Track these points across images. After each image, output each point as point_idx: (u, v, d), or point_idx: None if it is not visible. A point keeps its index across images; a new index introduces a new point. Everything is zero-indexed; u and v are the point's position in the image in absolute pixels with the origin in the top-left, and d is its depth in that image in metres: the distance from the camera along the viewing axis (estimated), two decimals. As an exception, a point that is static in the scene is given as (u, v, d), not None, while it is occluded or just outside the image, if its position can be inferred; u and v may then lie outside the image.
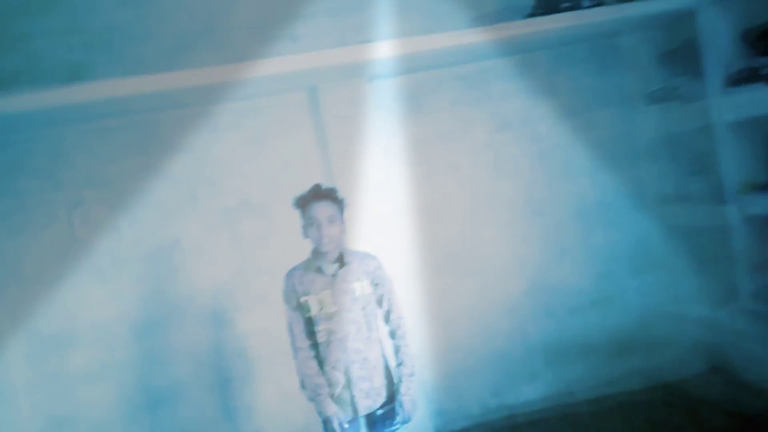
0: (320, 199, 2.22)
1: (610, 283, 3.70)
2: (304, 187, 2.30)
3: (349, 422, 2.24)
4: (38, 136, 3.21)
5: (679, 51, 3.47)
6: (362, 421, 2.32)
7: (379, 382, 2.25)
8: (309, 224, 2.22)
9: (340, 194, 2.29)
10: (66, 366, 3.30)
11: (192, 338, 3.40)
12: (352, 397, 2.21)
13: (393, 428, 2.29)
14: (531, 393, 3.66)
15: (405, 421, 2.27)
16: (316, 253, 2.26)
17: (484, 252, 3.63)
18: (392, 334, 2.33)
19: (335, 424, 2.17)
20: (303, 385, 2.24)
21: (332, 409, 2.18)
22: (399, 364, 2.29)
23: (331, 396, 2.21)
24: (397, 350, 2.31)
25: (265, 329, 3.40)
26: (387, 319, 2.34)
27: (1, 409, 3.06)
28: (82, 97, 2.78)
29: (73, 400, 3.31)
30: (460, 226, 3.61)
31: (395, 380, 2.31)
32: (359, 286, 2.24)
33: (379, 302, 2.32)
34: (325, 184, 2.30)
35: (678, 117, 3.56)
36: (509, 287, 3.64)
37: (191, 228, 3.37)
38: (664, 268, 3.72)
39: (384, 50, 3.05)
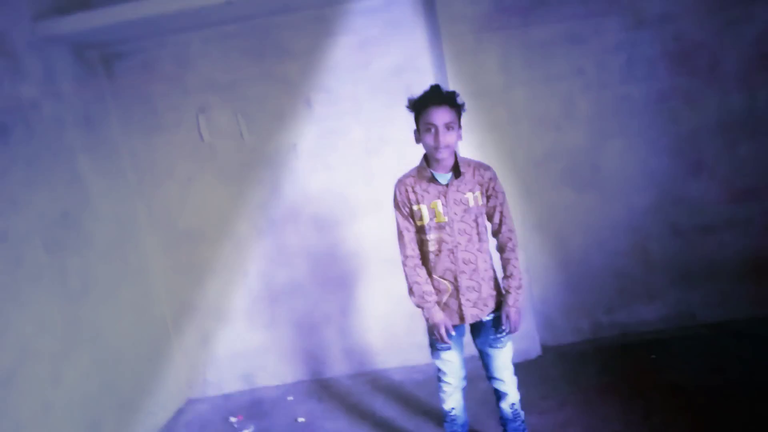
0: (439, 103, 2.14)
1: (753, 202, 3.51)
2: (416, 92, 2.26)
3: (456, 329, 2.35)
4: (166, 42, 3.49)
5: None
6: (467, 329, 2.42)
7: (487, 293, 2.34)
8: (425, 130, 2.17)
9: (460, 98, 2.22)
10: (196, 258, 3.77)
11: (308, 239, 3.68)
12: (460, 306, 2.31)
13: (497, 337, 2.36)
14: (648, 313, 3.64)
15: (510, 332, 2.34)
16: (430, 160, 2.27)
17: (607, 164, 3.53)
18: (502, 248, 2.36)
19: (442, 331, 2.32)
20: (411, 292, 2.33)
21: (439, 316, 2.32)
22: (508, 277, 2.35)
23: (438, 303, 2.31)
24: (506, 263, 2.36)
25: (377, 234, 3.58)
26: (498, 231, 2.38)
27: (139, 293, 3.54)
28: (202, 2, 2.93)
29: (200, 288, 3.83)
30: (582, 136, 3.52)
31: (503, 292, 2.35)
32: (472, 197, 2.25)
33: (491, 214, 2.35)
34: (445, 87, 2.22)
35: None
36: (633, 202, 3.55)
37: (307, 134, 3.59)
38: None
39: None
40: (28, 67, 2.89)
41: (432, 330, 2.36)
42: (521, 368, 3.33)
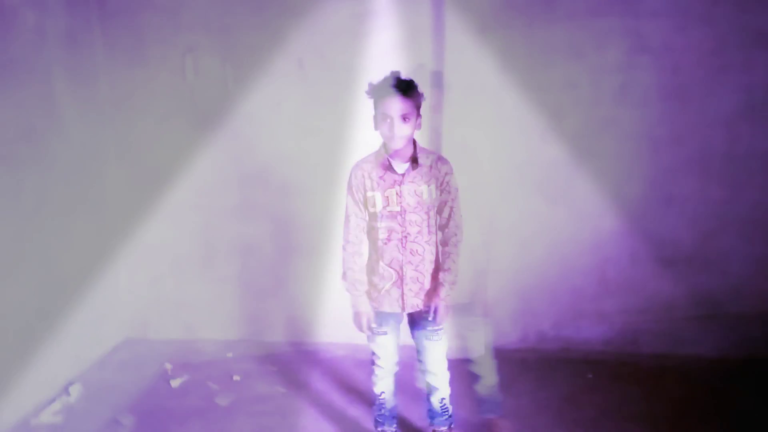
0: (395, 93, 2.11)
1: (714, 243, 3.54)
2: (407, 74, 2.22)
3: (393, 317, 2.38)
4: (165, -28, 3.36)
5: None
6: (405, 318, 2.44)
7: (429, 285, 2.36)
8: (381, 119, 2.16)
9: (417, 88, 2.17)
10: (158, 199, 3.76)
11: (275, 202, 3.67)
12: (402, 294, 2.32)
13: (434, 329, 2.40)
14: (593, 333, 3.72)
15: (436, 325, 2.38)
16: (388, 148, 2.25)
17: (582, 182, 3.56)
18: (445, 241, 2.36)
19: (363, 321, 2.38)
20: (344, 276, 2.38)
21: (364, 308, 2.38)
22: (445, 270, 2.34)
23: (381, 290, 2.32)
24: (446, 257, 2.35)
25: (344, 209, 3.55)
26: (445, 225, 2.35)
27: (94, 223, 3.51)
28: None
29: (157, 231, 3.82)
30: (562, 150, 3.52)
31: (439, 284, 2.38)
32: (427, 190, 2.25)
33: (441, 208, 2.33)
34: (403, 75, 2.18)
35: None
36: (600, 224, 3.59)
37: (294, 95, 3.53)
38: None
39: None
40: (14, -29, 2.78)
41: (356, 317, 2.40)
42: (459, 365, 3.38)
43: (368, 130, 3.46)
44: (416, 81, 2.20)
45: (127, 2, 3.45)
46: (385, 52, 3.43)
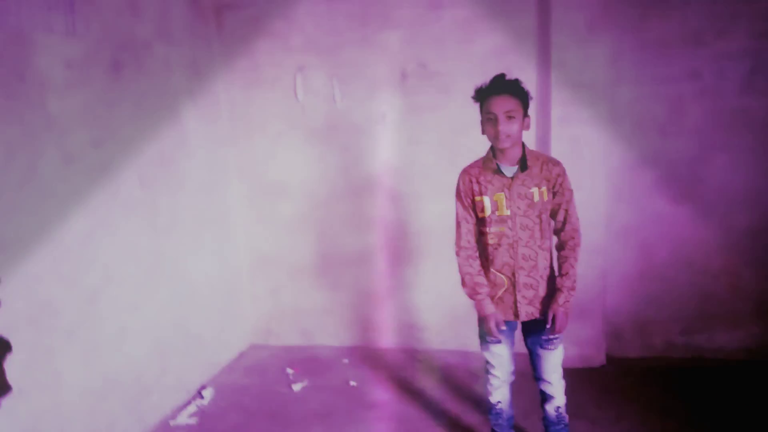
0: (499, 92, 2.10)
1: None
2: (513, 77, 2.20)
3: (507, 325, 2.32)
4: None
5: None
6: (519, 325, 2.38)
7: (544, 292, 2.28)
8: (486, 119, 2.15)
9: (524, 86, 2.15)
10: (276, 212, 3.94)
11: (383, 210, 3.75)
12: (515, 302, 2.27)
13: (549, 338, 2.30)
14: (728, 341, 3.45)
15: (555, 333, 2.28)
16: (495, 152, 2.22)
17: (710, 178, 3.32)
18: (562, 245, 2.28)
19: (491, 325, 2.30)
20: (463, 283, 2.32)
21: (490, 309, 2.31)
22: (563, 275, 2.25)
23: (493, 298, 2.28)
24: (563, 261, 2.26)
25: (451, 215, 3.55)
26: (561, 229, 2.28)
27: (221, 237, 3.78)
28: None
29: (277, 242, 4.00)
30: (688, 145, 3.30)
31: (556, 290, 2.29)
32: (538, 192, 2.18)
33: (556, 211, 2.26)
34: (509, 75, 2.16)
35: None
36: (732, 222, 3.32)
37: (397, 105, 3.58)
38: None
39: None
40: (144, 8, 3.04)
41: (481, 322, 2.35)
42: (582, 374, 3.26)
43: (471, 137, 3.47)
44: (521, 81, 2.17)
45: (243, 28, 3.69)
46: (487, 57, 3.39)
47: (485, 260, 2.33)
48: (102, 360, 2.69)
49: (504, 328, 2.32)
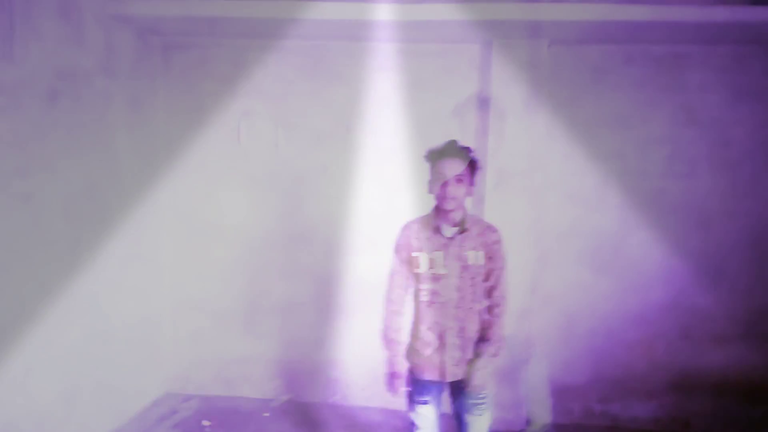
0: (452, 156, 2.19)
1: (770, 322, 3.35)
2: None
3: (434, 386, 2.32)
4: (225, 43, 3.62)
5: None
6: (446, 388, 2.38)
7: (471, 355, 2.30)
8: (436, 180, 2.22)
9: (475, 155, 2.24)
10: (206, 256, 3.84)
11: (319, 261, 3.71)
12: (442, 362, 2.28)
13: (476, 403, 2.31)
14: (642, 411, 3.55)
15: (475, 397, 2.30)
16: (438, 212, 2.28)
17: (630, 253, 3.48)
18: (490, 310, 2.31)
19: (395, 382, 2.36)
20: (383, 333, 2.37)
21: (397, 368, 2.36)
22: (486, 340, 2.28)
23: (422, 356, 2.30)
24: (489, 326, 2.29)
25: (386, 271, 3.56)
26: (489, 294, 2.30)
27: (144, 278, 3.61)
28: (266, 13, 3.04)
29: (204, 287, 3.89)
30: (610, 219, 3.48)
31: (477, 354, 2.32)
32: (473, 255, 2.23)
33: (487, 276, 2.29)
34: (461, 142, 2.26)
35: None
36: (648, 297, 3.48)
37: (340, 158, 3.62)
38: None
39: (574, 13, 2.90)
40: (89, 40, 2.99)
41: (387, 378, 2.39)
42: (501, 439, 3.27)
43: (408, 196, 3.55)
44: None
45: (189, 70, 3.66)
46: (429, 121, 3.51)
47: (417, 316, 2.35)
48: (1, 401, 2.49)
49: (403, 388, 2.38)
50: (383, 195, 3.62)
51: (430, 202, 2.41)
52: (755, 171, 3.34)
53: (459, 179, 2.18)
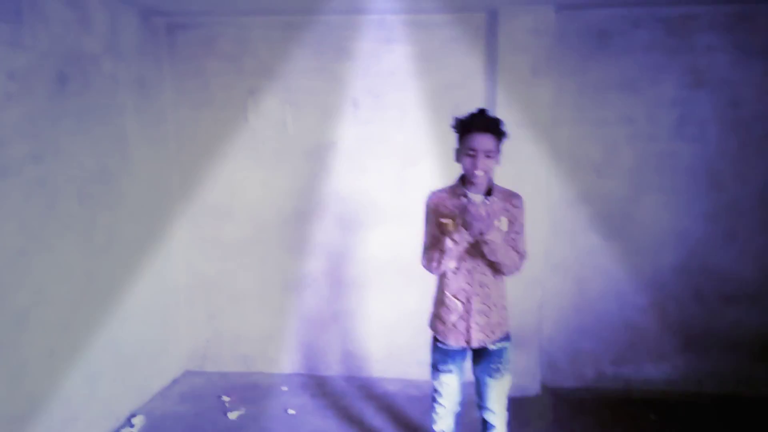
0: (484, 130, 2.15)
1: (782, 281, 3.37)
2: (463, 112, 2.26)
3: (459, 353, 2.35)
4: (230, 21, 3.58)
5: None
6: (469, 354, 2.42)
7: (496, 320, 2.34)
8: (465, 153, 2.20)
9: (504, 128, 2.22)
10: (218, 235, 3.87)
11: (330, 237, 3.74)
12: (468, 328, 2.31)
13: (497, 367, 2.35)
14: (654, 372, 3.60)
15: (499, 362, 2.35)
16: (464, 180, 2.29)
17: (641, 217, 3.49)
18: None
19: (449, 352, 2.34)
20: (437, 258, 2.22)
21: (447, 335, 2.35)
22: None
23: (447, 323, 2.33)
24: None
25: (397, 243, 3.60)
26: None
27: (159, 258, 3.65)
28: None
29: (217, 266, 3.92)
30: (620, 185, 3.49)
31: None
32: (498, 223, 2.24)
33: (507, 240, 2.31)
34: (490, 112, 2.22)
35: None
36: (660, 260, 3.50)
37: (348, 134, 3.61)
38: None
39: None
40: (95, 22, 2.97)
41: (434, 350, 2.40)
42: (517, 403, 3.32)
43: (419, 169, 3.55)
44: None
45: (195, 48, 3.65)
46: (437, 92, 3.50)
47: (441, 284, 2.37)
48: (28, 382, 2.54)
49: (453, 360, 2.37)
50: (394, 169, 3.63)
51: (445, 174, 2.42)
52: (765, 131, 3.33)
53: (489, 153, 2.17)
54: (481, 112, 2.21)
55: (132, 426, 3.21)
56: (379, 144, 3.63)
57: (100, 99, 3.03)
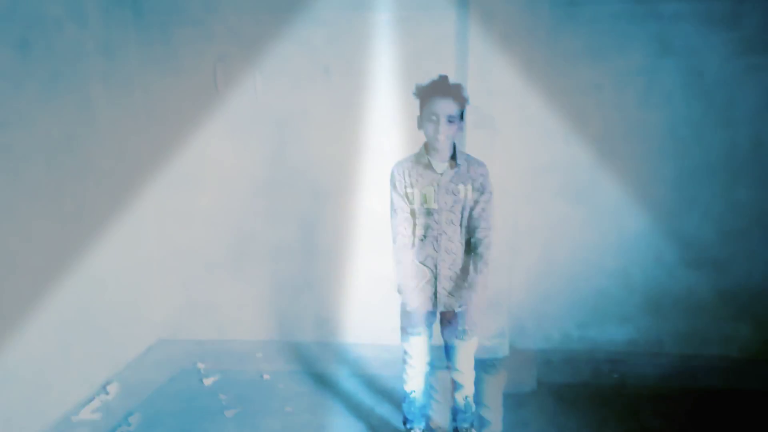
0: (444, 95, 2.19)
1: (739, 244, 3.54)
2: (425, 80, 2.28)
3: (427, 316, 2.43)
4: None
5: None
6: (438, 317, 2.49)
7: (462, 284, 2.38)
8: (427, 119, 2.24)
9: (466, 92, 2.26)
10: (190, 204, 3.86)
11: (303, 204, 3.75)
12: (435, 293, 2.37)
13: (464, 329, 2.43)
14: (618, 334, 3.73)
15: (466, 329, 2.43)
16: (428, 148, 2.32)
17: (605, 183, 3.58)
18: (477, 243, 2.36)
19: (416, 317, 2.41)
20: (396, 271, 2.41)
21: (415, 303, 2.42)
22: (477, 272, 2.35)
23: (414, 289, 2.39)
24: (478, 259, 2.35)
25: (370, 211, 3.62)
26: (477, 226, 2.36)
27: (129, 227, 3.62)
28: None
29: (190, 234, 3.92)
30: (587, 152, 3.54)
31: (467, 286, 2.40)
32: (464, 189, 2.30)
33: (474, 209, 2.36)
34: (452, 78, 2.26)
35: None
36: (624, 225, 3.60)
37: (320, 101, 3.60)
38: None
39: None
40: (57, -14, 2.89)
41: (403, 314, 2.47)
42: (486, 364, 3.43)
43: (392, 137, 3.56)
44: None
45: (161, 15, 3.57)
46: (409, 60, 3.49)
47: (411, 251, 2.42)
48: (1, 352, 2.54)
49: (422, 323, 2.44)
50: (366, 137, 3.63)
51: (417, 142, 2.45)
52: (728, 99, 3.40)
53: (452, 119, 2.20)
54: (442, 79, 2.24)
55: (107, 393, 3.23)
56: (352, 112, 3.62)
57: (65, 65, 2.97)
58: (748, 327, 3.60)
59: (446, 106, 2.19)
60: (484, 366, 2.92)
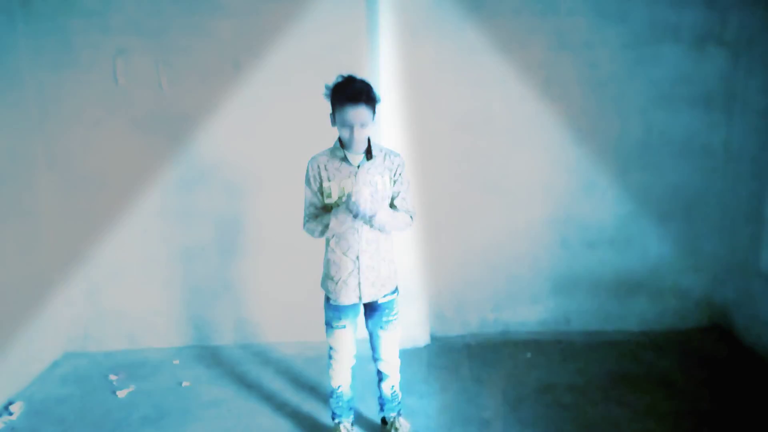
0: (356, 103, 2.16)
1: (634, 225, 3.79)
2: (336, 77, 2.25)
3: (351, 308, 2.41)
4: (90, -26, 3.23)
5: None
6: (362, 310, 2.49)
7: (385, 274, 2.42)
8: (341, 124, 2.22)
9: (375, 91, 2.24)
10: (94, 206, 3.62)
11: (216, 204, 3.63)
12: (359, 284, 2.36)
13: (388, 320, 2.45)
14: (529, 315, 3.87)
15: (390, 315, 2.47)
16: (343, 143, 2.31)
17: (513, 173, 3.71)
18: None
19: (342, 309, 2.43)
20: (320, 232, 2.35)
21: (339, 296, 2.41)
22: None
23: (338, 281, 2.38)
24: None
25: (286, 208, 3.54)
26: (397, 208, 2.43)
27: (26, 233, 3.37)
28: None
29: (94, 238, 3.67)
30: (495, 142, 3.66)
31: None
32: (381, 180, 2.31)
33: (394, 198, 2.41)
34: (363, 78, 2.24)
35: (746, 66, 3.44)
36: (531, 212, 3.76)
37: (231, 96, 3.47)
38: (690, 220, 3.74)
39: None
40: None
41: (326, 308, 2.48)
42: (409, 354, 3.47)
43: (306, 132, 3.50)
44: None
45: (53, 7, 3.29)
46: (321, 54, 3.44)
47: (331, 244, 2.41)
48: None
49: (346, 316, 2.45)
50: (279, 132, 3.54)
51: (331, 136, 2.43)
52: (619, 90, 3.63)
53: (364, 124, 2.20)
54: (350, 81, 2.21)
55: (11, 413, 2.96)
56: (263, 108, 3.52)
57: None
58: (643, 302, 3.88)
59: (358, 115, 2.17)
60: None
